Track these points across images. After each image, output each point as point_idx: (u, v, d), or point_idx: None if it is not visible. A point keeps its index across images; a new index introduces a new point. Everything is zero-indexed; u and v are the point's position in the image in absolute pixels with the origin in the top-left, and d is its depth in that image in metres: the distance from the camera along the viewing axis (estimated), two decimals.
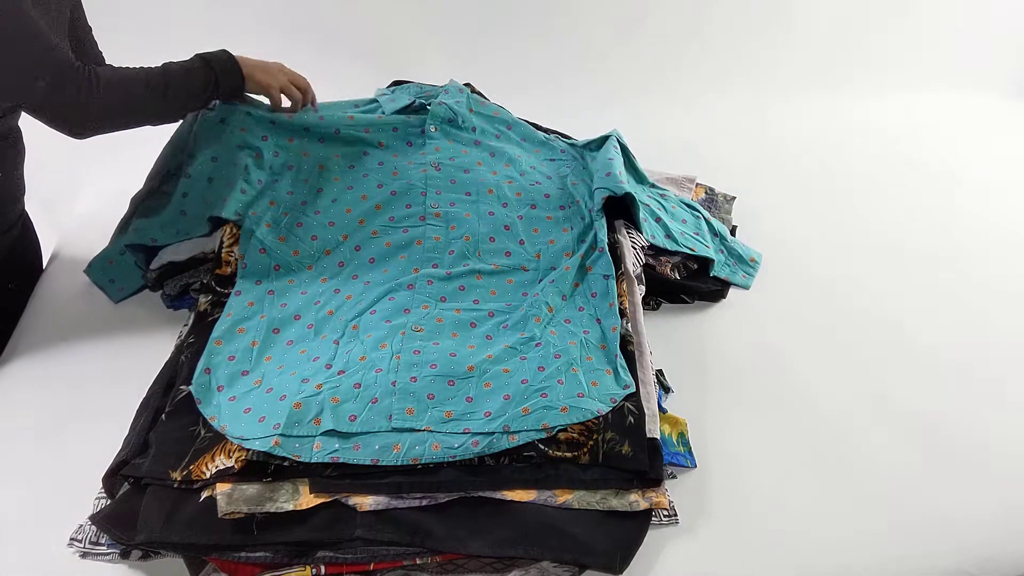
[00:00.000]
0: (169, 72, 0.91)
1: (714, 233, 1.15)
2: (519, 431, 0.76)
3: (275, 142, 1.04)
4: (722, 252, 1.12)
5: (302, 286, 0.94)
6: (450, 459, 0.73)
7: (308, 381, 0.80)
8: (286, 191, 1.02)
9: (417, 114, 1.15)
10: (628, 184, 1.06)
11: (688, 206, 1.18)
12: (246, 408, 0.78)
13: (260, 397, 0.79)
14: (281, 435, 0.72)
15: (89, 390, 0.89)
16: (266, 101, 1.05)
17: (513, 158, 1.13)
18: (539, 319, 0.89)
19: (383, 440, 0.74)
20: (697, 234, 1.12)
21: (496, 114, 1.21)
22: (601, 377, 0.83)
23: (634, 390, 0.82)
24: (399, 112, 1.15)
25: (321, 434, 0.73)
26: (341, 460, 0.72)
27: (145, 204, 1.03)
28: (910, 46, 1.82)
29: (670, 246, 1.06)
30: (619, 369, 0.85)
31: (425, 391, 0.79)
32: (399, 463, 0.73)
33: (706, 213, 1.18)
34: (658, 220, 1.09)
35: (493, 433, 0.75)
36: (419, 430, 0.76)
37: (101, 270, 1.02)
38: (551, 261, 1.00)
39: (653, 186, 1.20)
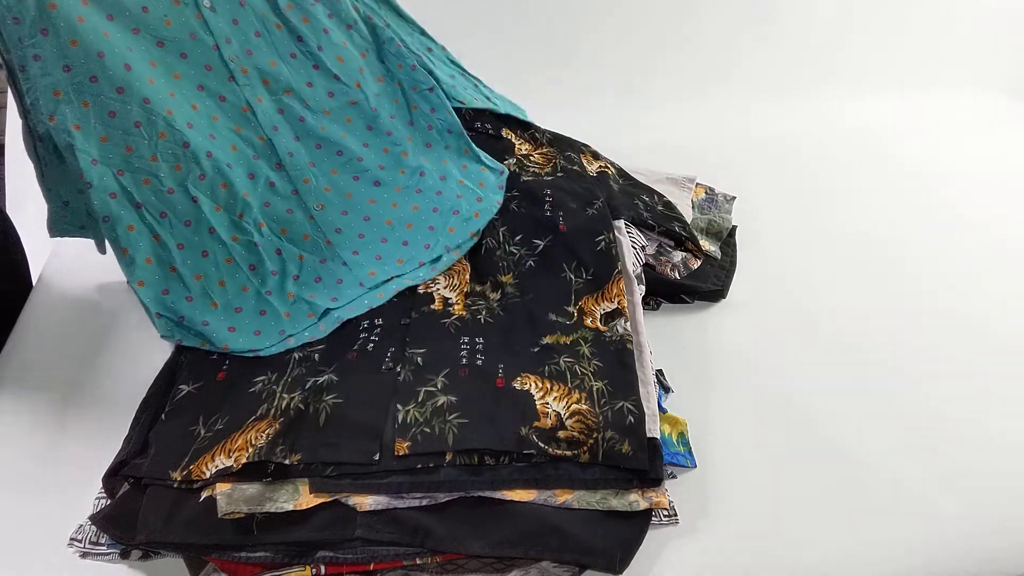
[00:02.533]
0: None
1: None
2: (457, 246, 0.93)
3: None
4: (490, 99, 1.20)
5: (165, 182, 0.85)
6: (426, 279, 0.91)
7: (271, 293, 0.87)
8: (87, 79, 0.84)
9: None
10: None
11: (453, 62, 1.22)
12: (229, 327, 0.83)
13: (234, 317, 0.84)
14: (290, 335, 0.83)
15: (89, 390, 0.89)
16: None
17: None
18: (407, 153, 0.98)
19: (367, 297, 0.89)
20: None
21: None
22: (483, 176, 0.98)
23: (508, 172, 0.96)
24: None
25: (320, 318, 0.85)
26: (346, 319, 0.86)
27: None
28: (911, 45, 1.82)
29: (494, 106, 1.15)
30: (488, 162, 1.01)
31: (360, 243, 0.93)
32: (390, 299, 0.89)
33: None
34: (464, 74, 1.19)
35: (440, 256, 0.92)
36: (388, 280, 0.90)
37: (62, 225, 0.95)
38: (371, 88, 1.01)
39: (424, 34, 1.18)
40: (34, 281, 1.07)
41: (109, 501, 0.74)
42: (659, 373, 0.92)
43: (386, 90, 1.01)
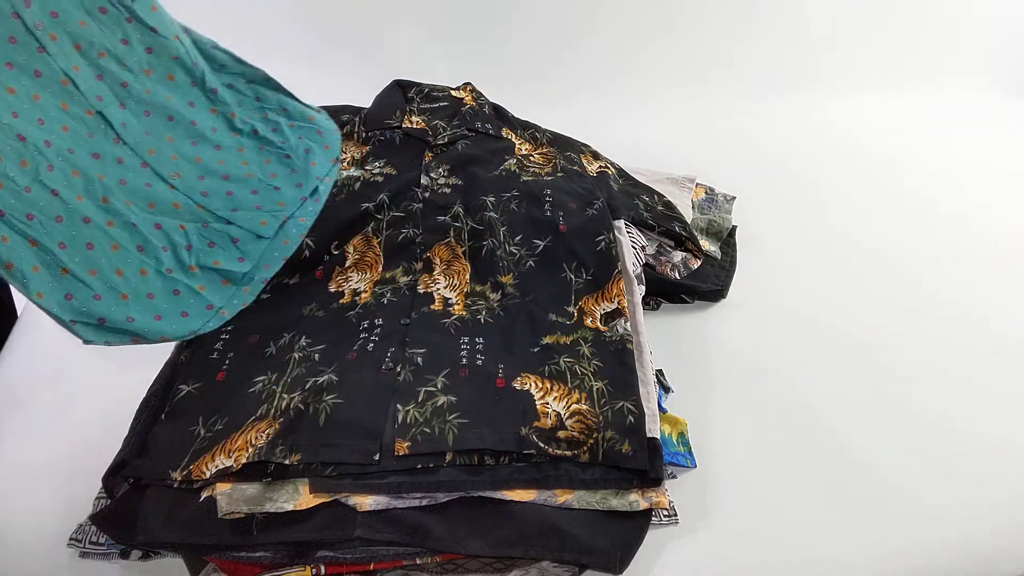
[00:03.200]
0: None
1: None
2: (327, 174, 0.94)
3: None
4: None
5: (19, 181, 0.75)
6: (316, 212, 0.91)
7: (172, 271, 0.83)
8: None
9: None
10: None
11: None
12: (155, 316, 0.79)
13: (151, 304, 0.80)
14: (221, 308, 0.83)
15: (89, 390, 0.89)
16: None
17: None
18: (234, 114, 0.95)
19: (277, 249, 0.88)
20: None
21: None
22: (307, 112, 1.00)
23: (321, 111, 1.03)
24: None
25: (240, 284, 0.85)
26: (268, 278, 0.87)
27: None
28: (911, 45, 1.81)
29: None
30: (300, 100, 1.00)
31: (232, 200, 0.89)
32: (300, 241, 0.89)
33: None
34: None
35: (317, 187, 0.93)
36: (283, 224, 0.89)
37: None
38: (186, 39, 0.93)
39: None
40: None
41: (109, 501, 0.74)
42: (659, 373, 0.92)
43: (193, 41, 0.94)
